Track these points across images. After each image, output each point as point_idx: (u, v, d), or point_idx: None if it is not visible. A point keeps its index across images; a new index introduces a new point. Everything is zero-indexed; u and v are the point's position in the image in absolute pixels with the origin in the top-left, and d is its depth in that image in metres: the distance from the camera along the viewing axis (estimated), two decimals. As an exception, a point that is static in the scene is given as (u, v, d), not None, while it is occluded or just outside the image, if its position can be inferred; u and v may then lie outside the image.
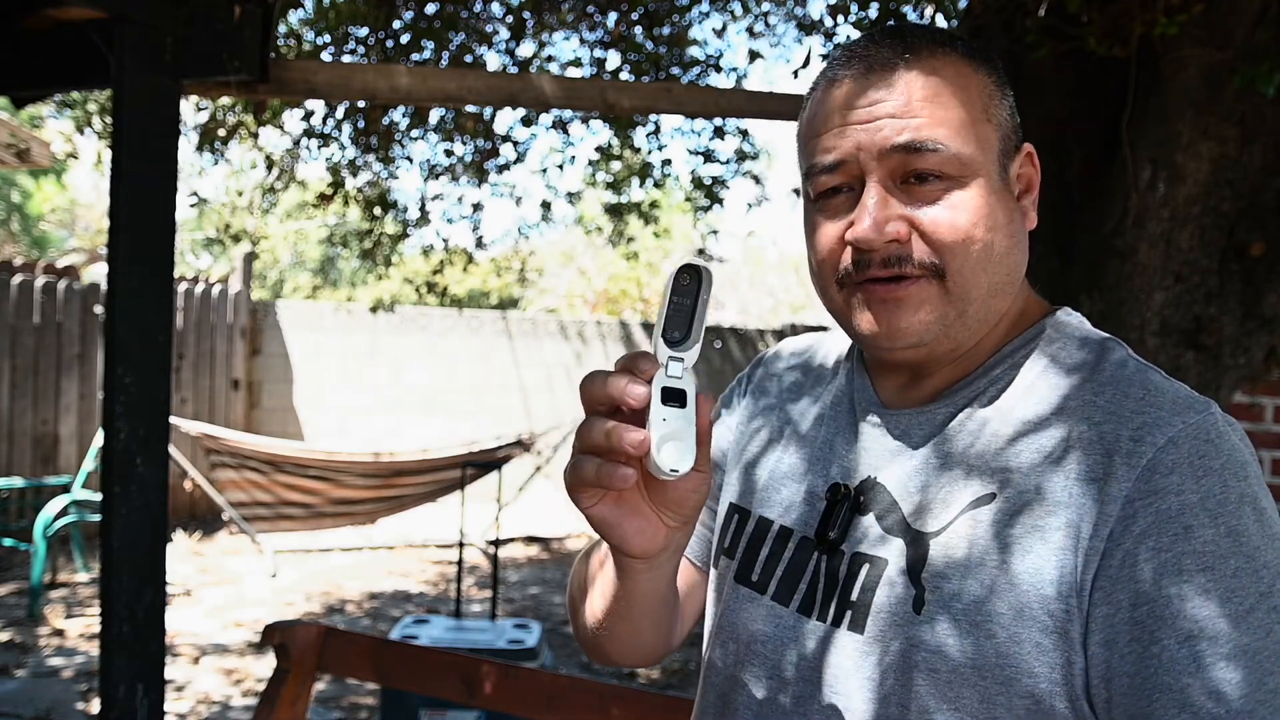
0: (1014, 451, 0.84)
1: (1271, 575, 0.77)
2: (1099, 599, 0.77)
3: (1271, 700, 0.74)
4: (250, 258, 9.16)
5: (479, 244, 6.19)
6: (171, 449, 3.58)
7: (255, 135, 5.05)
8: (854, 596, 0.88)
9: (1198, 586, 0.75)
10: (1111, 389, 0.84)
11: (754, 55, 5.03)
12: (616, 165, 5.78)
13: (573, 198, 6.36)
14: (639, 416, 0.72)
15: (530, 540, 8.48)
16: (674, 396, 0.70)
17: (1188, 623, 0.75)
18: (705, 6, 5.26)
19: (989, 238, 0.86)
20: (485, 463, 6.52)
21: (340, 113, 5.17)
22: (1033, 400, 0.86)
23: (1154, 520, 0.77)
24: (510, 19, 5.06)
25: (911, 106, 0.85)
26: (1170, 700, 0.75)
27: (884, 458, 0.92)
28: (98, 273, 9.90)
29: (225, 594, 6.36)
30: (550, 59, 5.27)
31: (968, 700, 0.80)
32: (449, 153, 5.58)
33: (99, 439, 5.99)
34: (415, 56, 4.83)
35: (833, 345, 1.08)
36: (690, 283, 0.72)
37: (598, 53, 5.20)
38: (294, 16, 4.60)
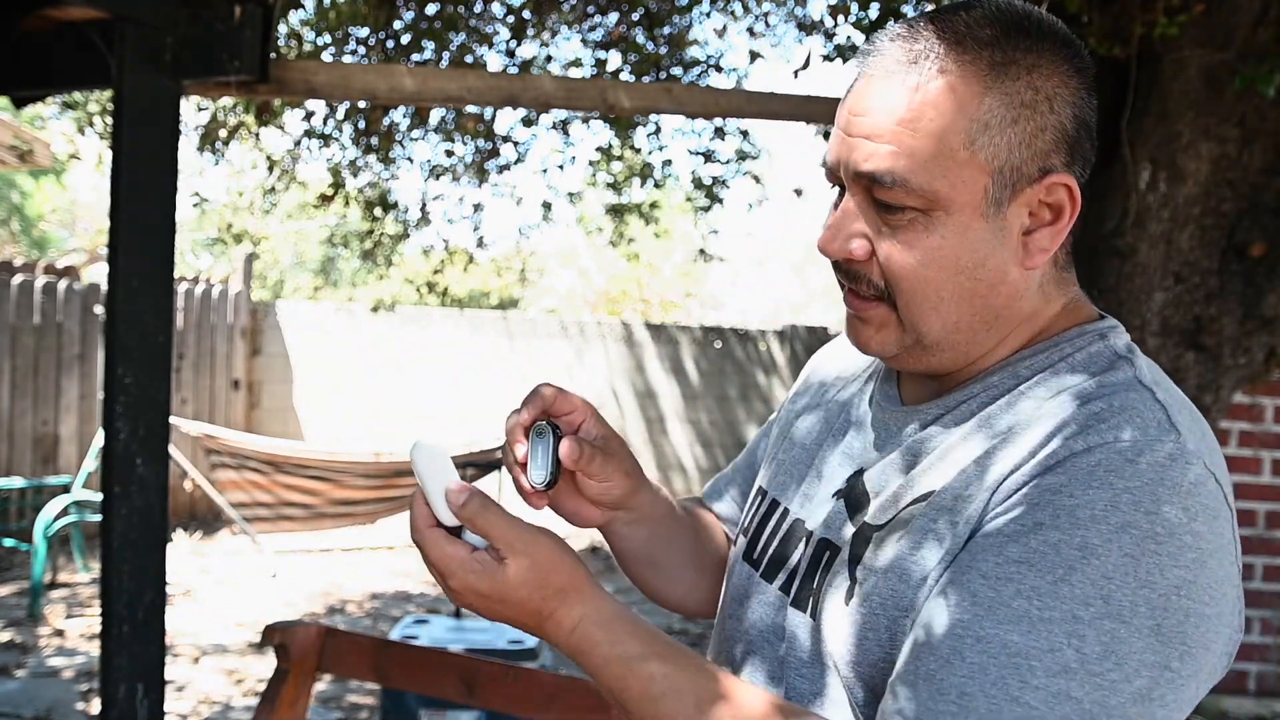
0: (965, 454, 0.84)
1: (1113, 610, 0.71)
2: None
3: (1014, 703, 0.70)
4: (251, 258, 9.15)
5: (479, 244, 6.20)
6: (172, 449, 3.58)
7: (256, 135, 5.06)
8: (814, 582, 0.90)
9: (1004, 575, 0.74)
10: (1081, 402, 0.80)
11: (754, 56, 5.03)
12: (617, 166, 5.79)
13: (573, 198, 6.36)
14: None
15: (530, 540, 8.47)
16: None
17: (967, 595, 0.74)
18: (705, 7, 5.26)
19: (942, 281, 0.83)
20: (485, 463, 6.51)
21: (341, 113, 5.17)
22: (1010, 410, 0.84)
23: (1014, 504, 0.76)
24: (511, 19, 5.06)
25: (888, 129, 0.81)
26: (910, 622, 0.78)
27: (875, 450, 0.93)
28: (98, 273, 9.89)
29: (225, 594, 6.36)
30: (550, 59, 5.28)
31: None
32: (450, 153, 5.58)
33: (99, 439, 5.99)
34: (416, 57, 4.83)
35: None
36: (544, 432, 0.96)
37: (598, 53, 5.21)
38: (294, 16, 4.60)
